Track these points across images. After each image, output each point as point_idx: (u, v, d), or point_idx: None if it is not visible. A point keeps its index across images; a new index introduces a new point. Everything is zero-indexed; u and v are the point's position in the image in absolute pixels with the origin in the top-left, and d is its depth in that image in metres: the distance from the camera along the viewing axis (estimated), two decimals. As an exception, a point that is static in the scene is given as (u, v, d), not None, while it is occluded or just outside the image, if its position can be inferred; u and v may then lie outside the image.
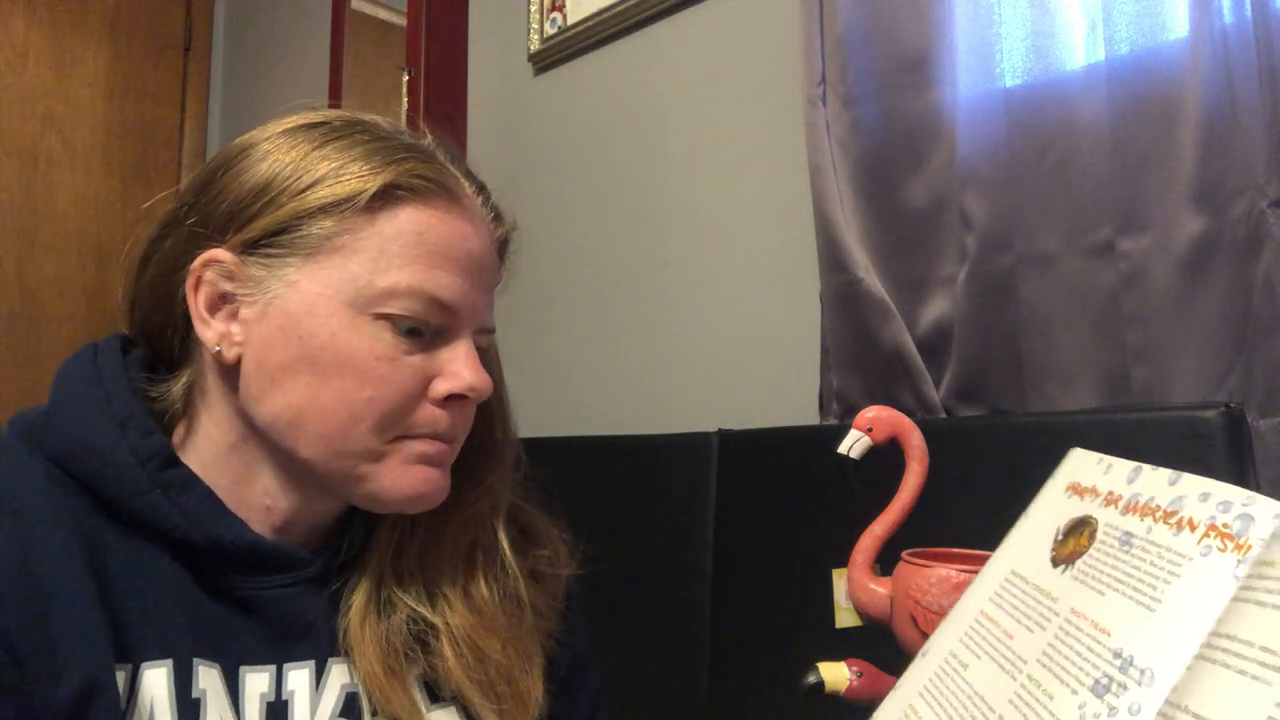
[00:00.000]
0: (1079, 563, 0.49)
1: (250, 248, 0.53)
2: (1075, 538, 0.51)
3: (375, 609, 0.57)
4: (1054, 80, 1.03)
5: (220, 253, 0.53)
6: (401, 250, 0.53)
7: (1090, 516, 0.51)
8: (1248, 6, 0.88)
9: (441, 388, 0.55)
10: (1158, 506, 0.46)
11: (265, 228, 0.53)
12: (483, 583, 0.60)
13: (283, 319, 0.53)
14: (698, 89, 1.48)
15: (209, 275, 0.54)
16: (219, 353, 0.54)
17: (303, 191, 0.53)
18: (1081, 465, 0.56)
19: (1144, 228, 0.96)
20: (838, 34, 1.18)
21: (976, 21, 1.08)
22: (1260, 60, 0.88)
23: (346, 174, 0.53)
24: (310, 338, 0.52)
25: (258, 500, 0.56)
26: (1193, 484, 0.46)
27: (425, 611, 0.58)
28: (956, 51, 1.09)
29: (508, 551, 0.62)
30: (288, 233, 0.53)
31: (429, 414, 0.55)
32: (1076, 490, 0.54)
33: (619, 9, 1.58)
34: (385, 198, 0.53)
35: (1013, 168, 1.04)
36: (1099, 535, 0.49)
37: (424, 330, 0.54)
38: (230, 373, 0.55)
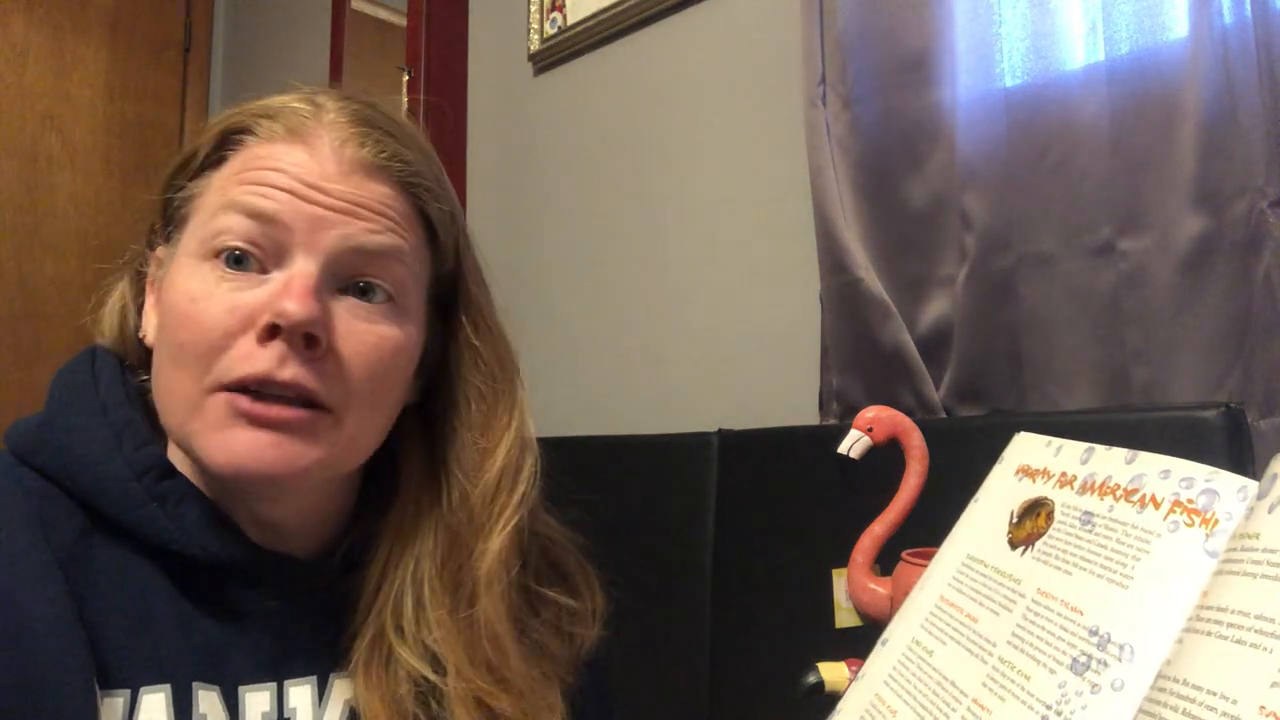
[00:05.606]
0: (1039, 544, 0.48)
1: (165, 240, 0.55)
2: (1032, 519, 0.50)
3: (379, 663, 0.54)
4: (1054, 80, 1.03)
5: (160, 250, 0.55)
6: (226, 183, 0.52)
7: (1045, 498, 0.50)
8: (1248, 6, 0.88)
9: (260, 320, 0.48)
10: (1117, 485, 0.46)
11: (161, 214, 0.55)
12: (489, 643, 0.54)
13: (165, 294, 0.53)
14: (698, 89, 1.48)
15: (150, 270, 0.56)
16: (145, 338, 0.55)
17: (175, 169, 0.55)
18: (1029, 448, 0.55)
19: (1144, 228, 0.96)
20: (838, 34, 1.18)
21: (976, 21, 1.08)
22: (1260, 60, 0.88)
23: (199, 138, 0.54)
24: (167, 303, 0.51)
25: (239, 506, 0.53)
26: (1151, 462, 0.45)
27: (427, 672, 0.53)
28: (956, 51, 1.09)
29: (523, 608, 0.58)
30: (168, 210, 0.55)
31: (242, 352, 0.48)
32: (1027, 473, 0.54)
33: (619, 9, 1.58)
34: (224, 146, 0.53)
35: (1013, 168, 1.04)
36: (1057, 516, 0.49)
37: (252, 256, 0.50)
38: None
